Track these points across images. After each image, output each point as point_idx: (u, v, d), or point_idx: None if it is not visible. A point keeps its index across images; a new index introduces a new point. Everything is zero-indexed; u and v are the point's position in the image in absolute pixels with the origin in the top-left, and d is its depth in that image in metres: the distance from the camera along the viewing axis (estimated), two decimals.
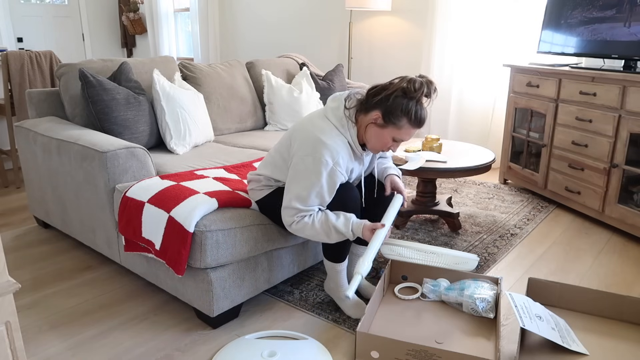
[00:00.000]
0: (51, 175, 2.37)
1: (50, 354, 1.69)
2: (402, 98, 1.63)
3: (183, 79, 3.01)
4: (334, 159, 1.64)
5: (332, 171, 1.64)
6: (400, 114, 1.62)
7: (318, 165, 1.63)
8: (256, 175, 1.88)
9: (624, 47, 2.65)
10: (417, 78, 1.65)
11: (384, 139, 1.68)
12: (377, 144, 1.70)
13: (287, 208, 1.69)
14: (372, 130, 1.68)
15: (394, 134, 1.66)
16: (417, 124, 1.65)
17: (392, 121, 1.64)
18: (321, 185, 1.64)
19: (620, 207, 2.64)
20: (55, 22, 5.90)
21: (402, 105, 1.62)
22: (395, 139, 1.68)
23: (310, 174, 1.63)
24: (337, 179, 1.66)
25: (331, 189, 1.67)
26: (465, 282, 1.95)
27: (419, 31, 4.23)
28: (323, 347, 1.71)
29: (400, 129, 1.65)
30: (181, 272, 1.70)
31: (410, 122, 1.64)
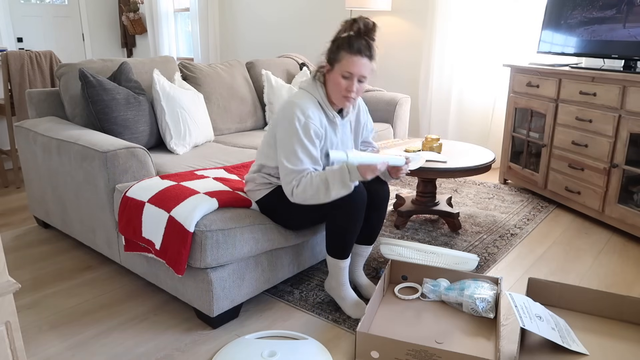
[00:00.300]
0: (51, 175, 2.37)
1: (50, 354, 1.69)
2: (336, 39, 1.74)
3: (183, 79, 3.01)
4: (304, 113, 1.71)
5: (305, 125, 1.70)
6: (337, 49, 1.72)
7: (292, 124, 1.70)
8: (252, 175, 1.90)
9: (624, 47, 2.65)
10: (347, 19, 1.76)
11: (336, 80, 1.73)
12: (335, 89, 1.74)
13: (283, 177, 1.73)
14: (328, 82, 1.76)
15: (340, 69, 1.71)
16: (354, 52, 1.69)
17: (334, 59, 1.72)
18: (301, 141, 1.70)
19: (620, 207, 2.64)
20: (55, 22, 5.90)
21: (337, 43, 1.72)
22: (343, 74, 1.71)
23: (290, 135, 1.71)
24: (312, 132, 1.71)
25: (312, 142, 1.72)
26: (465, 282, 1.95)
27: (419, 31, 4.23)
28: (323, 347, 1.71)
29: (341, 61, 1.71)
30: (181, 272, 1.70)
31: (347, 51, 1.69)
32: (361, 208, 1.77)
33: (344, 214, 1.75)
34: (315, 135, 1.73)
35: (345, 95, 1.74)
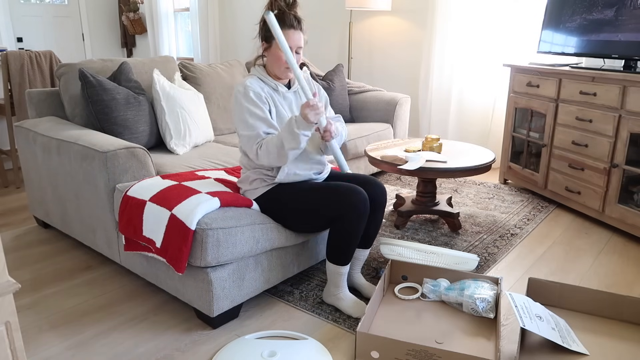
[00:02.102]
0: (51, 175, 2.37)
1: (50, 354, 1.69)
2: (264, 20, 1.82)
3: (183, 79, 3.01)
4: (243, 85, 1.81)
5: (245, 92, 1.79)
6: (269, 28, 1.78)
7: (236, 98, 1.81)
8: (243, 175, 1.94)
9: (624, 47, 2.65)
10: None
11: (275, 55, 1.83)
12: (275, 63, 1.85)
13: (245, 146, 1.80)
14: (267, 59, 1.88)
15: (277, 45, 1.80)
16: (287, 26, 1.79)
17: (269, 37, 1.83)
18: (247, 107, 1.78)
19: (620, 207, 2.64)
20: (55, 22, 5.90)
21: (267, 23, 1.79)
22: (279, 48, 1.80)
23: (237, 108, 1.80)
24: (252, 95, 1.79)
25: (256, 106, 1.78)
26: (465, 282, 1.95)
27: (419, 31, 4.23)
28: (323, 347, 1.71)
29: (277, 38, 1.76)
30: (182, 270, 1.70)
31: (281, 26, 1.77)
32: (364, 216, 1.78)
33: (348, 223, 1.76)
34: (257, 98, 1.79)
35: (287, 67, 1.82)
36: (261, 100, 1.81)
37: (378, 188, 1.93)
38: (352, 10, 4.51)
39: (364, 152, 3.05)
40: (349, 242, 1.81)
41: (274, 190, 1.87)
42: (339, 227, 1.78)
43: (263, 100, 1.82)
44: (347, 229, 1.78)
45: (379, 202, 1.93)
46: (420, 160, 2.50)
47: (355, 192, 1.76)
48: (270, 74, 1.90)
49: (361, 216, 1.77)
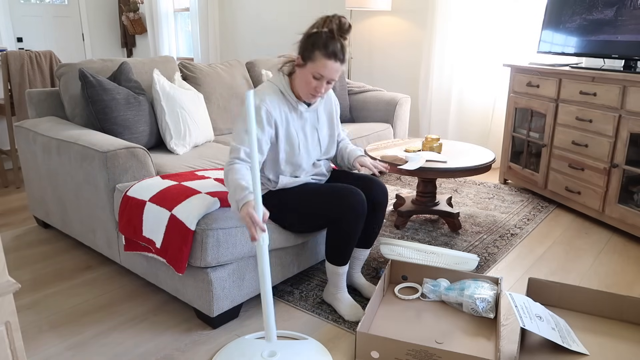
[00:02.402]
0: (51, 175, 2.37)
1: (50, 354, 1.69)
2: (311, 35, 1.72)
3: (183, 79, 3.01)
4: (261, 98, 1.74)
5: (257, 107, 1.72)
6: (312, 47, 1.70)
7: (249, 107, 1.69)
8: None
9: (624, 47, 2.65)
10: (324, 16, 1.74)
11: (306, 78, 1.73)
12: (303, 86, 1.75)
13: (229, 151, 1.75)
14: (296, 75, 1.77)
15: (312, 69, 1.71)
16: (328, 54, 1.69)
17: (308, 57, 1.71)
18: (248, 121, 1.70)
19: (620, 207, 2.64)
20: (55, 22, 5.90)
21: (312, 40, 1.70)
22: (315, 75, 1.71)
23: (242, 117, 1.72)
24: (264, 114, 1.72)
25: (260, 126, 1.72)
26: (465, 282, 1.95)
27: (419, 31, 4.23)
28: (323, 347, 1.71)
29: (315, 62, 1.70)
30: (182, 271, 1.70)
31: (322, 53, 1.68)
32: (362, 218, 1.78)
33: (345, 224, 1.76)
34: (266, 120, 1.73)
35: (312, 94, 1.77)
36: (269, 122, 1.74)
37: (379, 187, 1.93)
38: (352, 10, 4.51)
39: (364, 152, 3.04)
40: (346, 242, 1.81)
41: (273, 192, 1.87)
42: (337, 228, 1.79)
43: (271, 123, 1.75)
44: (345, 230, 1.78)
45: (380, 201, 1.92)
46: (420, 160, 2.50)
47: (353, 193, 1.76)
48: (293, 88, 1.81)
49: (359, 217, 1.77)
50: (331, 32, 1.70)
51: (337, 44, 1.70)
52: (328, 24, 1.71)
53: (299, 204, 1.82)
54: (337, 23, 1.72)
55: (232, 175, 1.64)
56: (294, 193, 1.85)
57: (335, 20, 1.72)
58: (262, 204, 1.89)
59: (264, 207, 1.89)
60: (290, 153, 1.83)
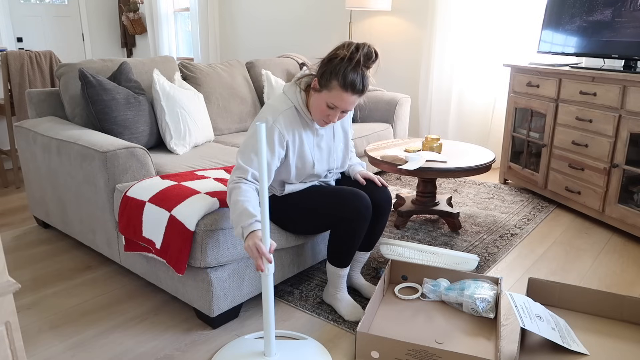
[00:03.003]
0: (51, 175, 2.37)
1: (50, 354, 1.69)
2: (332, 60, 1.63)
3: (183, 79, 3.01)
4: (274, 117, 1.68)
5: (270, 128, 1.67)
6: (330, 76, 1.62)
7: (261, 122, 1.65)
8: None
9: (624, 47, 2.65)
10: (351, 42, 1.65)
11: (319, 104, 1.67)
12: (316, 110, 1.70)
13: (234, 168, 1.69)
14: (312, 97, 1.70)
15: (327, 98, 1.65)
16: (346, 86, 1.60)
17: (324, 84, 1.64)
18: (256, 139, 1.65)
19: (620, 207, 2.64)
20: (55, 22, 5.90)
21: (331, 67, 1.62)
22: (328, 104, 1.65)
23: (253, 133, 1.67)
24: (276, 137, 1.67)
25: (270, 147, 1.67)
26: (465, 282, 1.95)
27: (419, 31, 4.23)
28: (323, 347, 1.71)
29: (330, 91, 1.63)
30: (182, 271, 1.70)
31: (339, 84, 1.61)
32: (367, 221, 1.78)
33: (349, 227, 1.76)
34: (278, 142, 1.68)
35: (325, 120, 1.72)
36: (280, 144, 1.69)
37: (384, 194, 1.91)
38: (352, 10, 4.51)
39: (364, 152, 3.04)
40: (349, 245, 1.81)
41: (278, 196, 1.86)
42: (341, 231, 1.78)
43: (282, 144, 1.69)
44: (349, 233, 1.77)
45: (384, 207, 1.91)
46: (420, 160, 2.50)
47: (359, 197, 1.75)
48: (309, 105, 1.74)
49: (363, 220, 1.76)
50: (355, 61, 1.60)
51: (358, 75, 1.61)
52: (353, 52, 1.61)
53: (304, 205, 1.82)
54: (365, 53, 1.61)
55: (237, 196, 1.58)
56: (300, 194, 1.84)
57: (363, 49, 1.62)
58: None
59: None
60: (302, 169, 1.80)
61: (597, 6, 2.77)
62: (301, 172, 1.81)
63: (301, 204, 1.81)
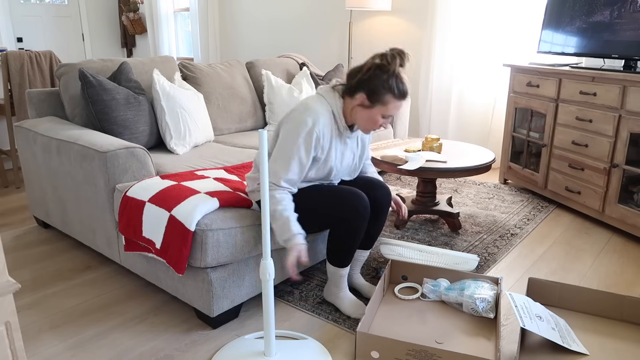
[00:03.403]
0: (51, 175, 2.37)
1: (50, 354, 1.69)
2: (380, 75, 1.66)
3: (183, 79, 3.01)
4: (314, 120, 1.68)
5: (310, 132, 1.67)
6: (384, 90, 1.66)
7: (298, 127, 1.67)
8: (253, 174, 1.89)
9: (624, 47, 2.65)
10: (387, 52, 1.68)
11: (373, 118, 1.71)
12: (368, 123, 1.73)
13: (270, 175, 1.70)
14: (360, 113, 1.72)
15: (382, 111, 1.70)
16: (401, 96, 1.69)
17: (378, 99, 1.67)
18: (299, 148, 1.67)
19: (620, 207, 2.64)
20: (55, 22, 5.90)
21: (382, 82, 1.66)
22: (384, 115, 1.71)
23: (291, 137, 1.68)
24: (314, 140, 1.68)
25: (308, 152, 1.69)
26: (465, 282, 1.95)
27: (419, 31, 4.23)
28: (323, 347, 1.71)
29: (386, 105, 1.68)
30: (182, 271, 1.70)
31: (394, 96, 1.67)
32: (365, 221, 1.78)
33: (348, 227, 1.76)
34: (316, 145, 1.70)
35: (375, 129, 1.75)
36: (316, 147, 1.71)
37: (384, 191, 1.92)
38: (352, 10, 4.51)
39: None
40: (349, 245, 1.81)
41: None
42: (340, 231, 1.78)
43: (317, 148, 1.72)
44: (348, 232, 1.77)
45: (383, 205, 1.92)
46: (420, 160, 2.50)
47: (357, 196, 1.75)
48: (345, 113, 1.75)
49: (362, 221, 1.76)
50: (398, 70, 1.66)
51: (404, 81, 1.68)
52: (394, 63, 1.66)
53: (303, 205, 1.81)
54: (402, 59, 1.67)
55: (276, 205, 1.67)
56: (299, 193, 1.83)
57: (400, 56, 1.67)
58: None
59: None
60: (320, 173, 1.81)
61: (597, 6, 2.77)
62: (317, 176, 1.82)
63: (300, 204, 1.81)
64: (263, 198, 1.45)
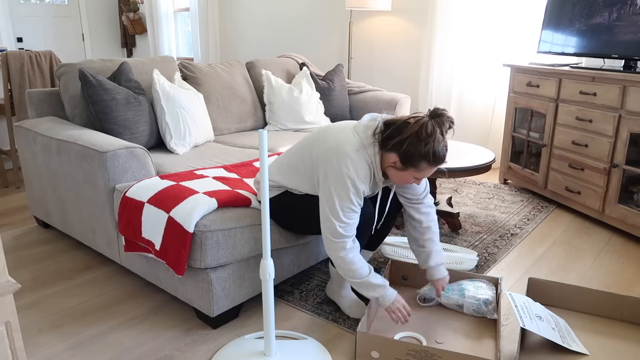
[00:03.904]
0: (51, 175, 2.37)
1: (50, 354, 1.69)
2: (416, 144, 1.56)
3: (183, 79, 3.01)
4: (357, 175, 1.61)
5: (356, 187, 1.61)
6: (418, 158, 1.58)
7: (343, 178, 1.59)
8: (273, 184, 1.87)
9: (624, 47, 2.65)
10: (428, 120, 1.57)
11: (406, 179, 1.65)
12: (401, 181, 1.67)
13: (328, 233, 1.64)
14: (392, 172, 1.65)
15: (415, 174, 1.63)
16: (437, 163, 1.60)
17: (412, 165, 1.60)
18: (351, 201, 1.61)
19: (620, 207, 2.64)
20: (55, 22, 5.90)
21: (418, 150, 1.57)
22: (417, 177, 1.65)
23: (339, 189, 1.60)
24: (361, 192, 1.63)
25: (359, 203, 1.64)
26: (462, 283, 1.95)
27: (419, 31, 4.23)
28: (323, 347, 1.71)
29: (420, 170, 1.61)
30: (181, 273, 1.70)
31: (429, 163, 1.59)
32: (369, 225, 1.76)
33: None
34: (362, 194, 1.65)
35: (407, 184, 1.72)
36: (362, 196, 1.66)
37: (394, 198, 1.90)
38: (352, 10, 4.51)
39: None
40: None
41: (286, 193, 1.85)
42: None
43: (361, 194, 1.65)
44: None
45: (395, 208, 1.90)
46: None
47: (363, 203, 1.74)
48: (382, 166, 1.67)
49: (365, 224, 1.74)
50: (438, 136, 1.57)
51: (443, 147, 1.59)
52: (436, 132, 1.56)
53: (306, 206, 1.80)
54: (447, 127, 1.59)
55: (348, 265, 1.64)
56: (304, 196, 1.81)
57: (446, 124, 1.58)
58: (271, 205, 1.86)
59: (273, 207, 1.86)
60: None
61: (597, 7, 2.77)
62: None
63: (306, 205, 1.80)
64: (263, 198, 1.45)
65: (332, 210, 1.62)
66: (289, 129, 3.29)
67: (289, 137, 3.00)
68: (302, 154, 1.74)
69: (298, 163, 1.75)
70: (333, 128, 1.71)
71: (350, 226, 1.63)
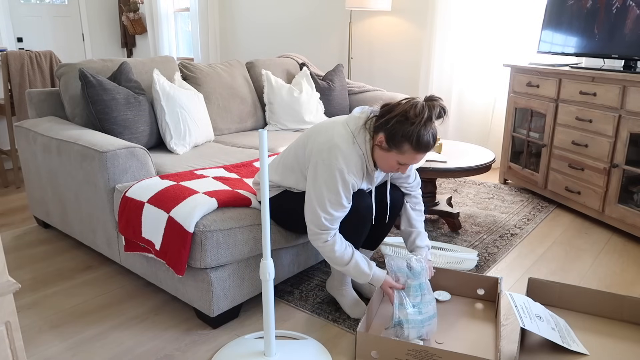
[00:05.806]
0: (51, 175, 2.37)
1: (50, 354, 1.69)
2: (403, 122, 1.55)
3: (183, 79, 3.01)
4: (348, 167, 1.61)
5: (345, 181, 1.61)
6: (401, 138, 1.56)
7: (333, 173, 1.60)
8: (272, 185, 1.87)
9: (624, 47, 2.65)
10: (419, 101, 1.57)
11: (389, 162, 1.63)
12: (385, 165, 1.66)
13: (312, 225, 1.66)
14: (378, 152, 1.64)
15: (398, 158, 1.61)
16: (420, 149, 1.58)
17: (395, 145, 1.58)
18: (338, 194, 1.62)
19: (620, 207, 2.64)
20: (55, 22, 5.90)
21: (402, 130, 1.55)
22: (400, 162, 1.63)
23: (327, 184, 1.61)
24: (350, 186, 1.64)
25: (347, 196, 1.65)
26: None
27: (419, 31, 4.23)
28: (323, 347, 1.71)
29: (403, 153, 1.59)
30: (181, 273, 1.70)
31: (412, 147, 1.57)
32: (368, 223, 1.77)
33: (350, 227, 1.75)
34: (351, 188, 1.66)
35: (393, 172, 1.70)
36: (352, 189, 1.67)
37: (397, 193, 1.90)
38: (352, 10, 4.51)
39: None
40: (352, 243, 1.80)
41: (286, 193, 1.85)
42: (342, 231, 1.78)
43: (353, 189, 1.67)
44: (350, 234, 1.77)
45: (395, 208, 1.90)
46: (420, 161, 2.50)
47: (360, 197, 1.74)
48: (374, 155, 1.67)
49: (362, 222, 1.75)
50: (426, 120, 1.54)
51: (430, 134, 1.56)
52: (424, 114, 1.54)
53: None
54: (438, 112, 1.56)
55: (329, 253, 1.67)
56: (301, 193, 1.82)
57: (436, 108, 1.56)
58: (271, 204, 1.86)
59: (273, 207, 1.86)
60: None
61: (596, 6, 2.77)
62: None
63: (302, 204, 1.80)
64: (263, 198, 1.45)
65: (319, 201, 1.63)
66: (289, 129, 3.29)
67: (289, 137, 3.00)
68: (295, 152, 1.75)
69: (292, 162, 1.76)
70: (325, 124, 1.73)
71: (335, 219, 1.65)
